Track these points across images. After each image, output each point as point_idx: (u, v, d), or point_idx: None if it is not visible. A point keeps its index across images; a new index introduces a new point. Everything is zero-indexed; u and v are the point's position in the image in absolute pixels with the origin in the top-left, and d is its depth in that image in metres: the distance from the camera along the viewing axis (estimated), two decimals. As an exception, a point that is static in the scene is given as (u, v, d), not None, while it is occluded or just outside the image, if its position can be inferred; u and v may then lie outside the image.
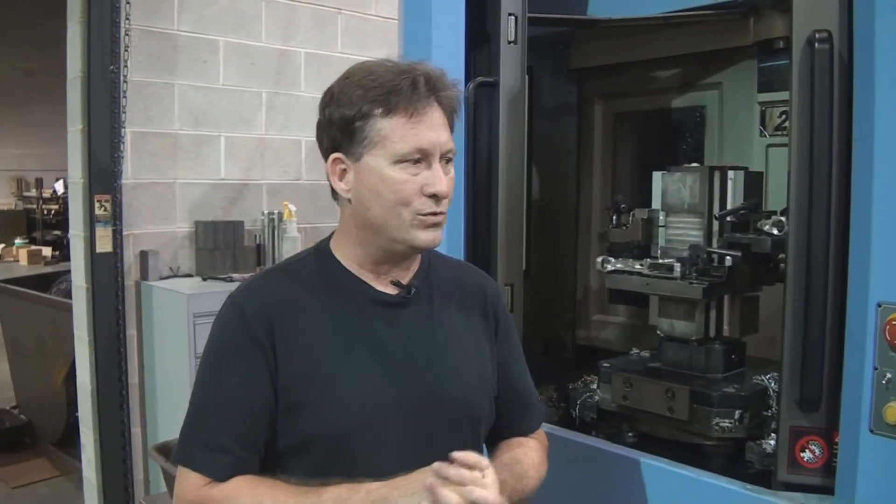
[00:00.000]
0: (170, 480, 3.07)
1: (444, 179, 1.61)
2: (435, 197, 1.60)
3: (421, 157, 1.59)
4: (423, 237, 1.62)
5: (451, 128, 1.67)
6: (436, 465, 1.44)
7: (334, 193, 1.69)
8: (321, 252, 1.74)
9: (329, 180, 1.66)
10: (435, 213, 1.61)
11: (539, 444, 1.92)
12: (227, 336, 1.64)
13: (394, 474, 1.49)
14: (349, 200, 1.64)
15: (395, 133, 1.57)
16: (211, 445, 1.57)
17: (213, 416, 1.60)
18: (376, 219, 1.61)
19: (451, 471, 1.42)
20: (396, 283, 1.72)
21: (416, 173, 1.59)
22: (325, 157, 1.66)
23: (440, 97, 1.62)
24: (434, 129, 1.60)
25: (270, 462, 1.63)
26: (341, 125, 1.60)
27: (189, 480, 1.57)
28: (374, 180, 1.59)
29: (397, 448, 1.63)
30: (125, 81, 4.30)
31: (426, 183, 1.59)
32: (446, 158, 1.63)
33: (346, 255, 1.70)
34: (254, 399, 1.59)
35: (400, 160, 1.58)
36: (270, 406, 1.60)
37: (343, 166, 1.62)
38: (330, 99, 1.62)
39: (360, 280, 1.69)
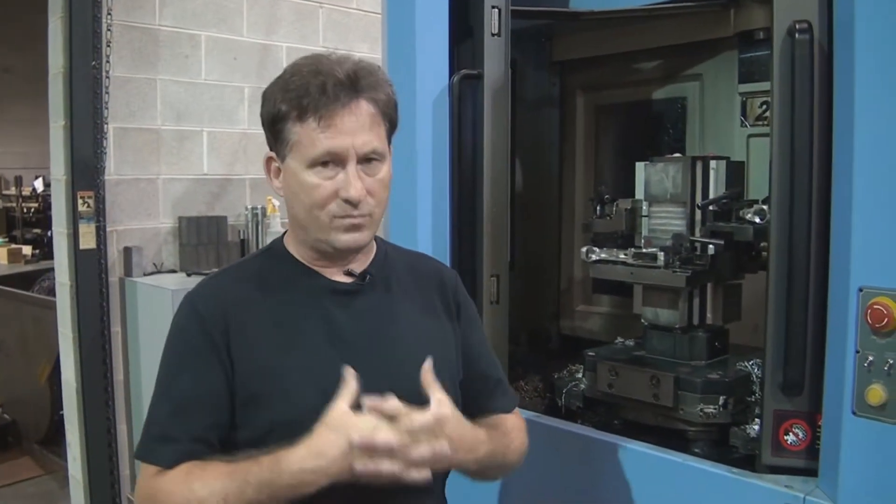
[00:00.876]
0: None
1: (358, 184, 1.58)
2: (349, 201, 1.59)
3: (332, 161, 1.58)
4: (343, 239, 1.63)
5: (389, 126, 1.67)
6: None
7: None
8: (273, 249, 1.77)
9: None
10: (352, 216, 1.60)
11: (517, 417, 1.91)
12: (182, 335, 1.65)
13: None
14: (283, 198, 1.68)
15: (306, 137, 1.57)
16: (162, 437, 1.59)
17: (166, 412, 1.61)
18: (301, 219, 1.65)
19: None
20: (349, 273, 1.72)
21: (330, 176, 1.58)
22: None
23: (359, 98, 1.59)
24: (347, 133, 1.57)
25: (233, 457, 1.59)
26: (268, 125, 1.63)
27: (144, 472, 1.59)
28: (293, 182, 1.62)
29: None
30: (107, 77, 4.28)
31: (340, 187, 1.58)
32: (367, 159, 1.61)
33: (298, 250, 1.72)
34: (205, 395, 1.59)
35: (312, 164, 1.58)
36: (223, 402, 1.60)
37: (276, 165, 1.66)
38: (263, 97, 1.64)
39: (313, 271, 1.71)
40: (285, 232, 1.78)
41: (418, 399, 1.56)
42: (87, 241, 4.27)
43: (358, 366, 1.57)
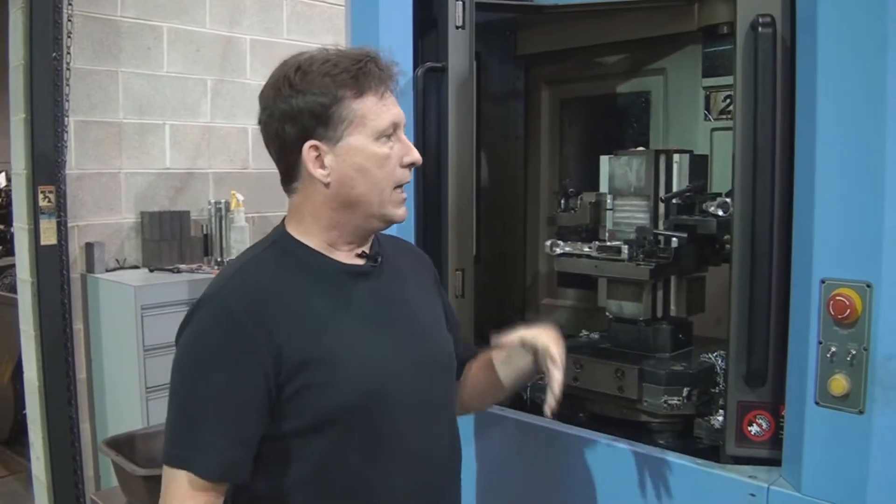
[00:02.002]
0: (122, 474, 3.04)
1: (415, 149, 1.74)
2: (410, 166, 1.73)
3: (393, 132, 1.69)
4: (400, 213, 1.74)
5: None
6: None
7: (288, 182, 1.74)
8: (281, 241, 1.76)
9: (302, 169, 1.69)
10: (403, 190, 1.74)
11: None
12: (215, 336, 1.61)
13: (409, 435, 1.71)
14: (326, 185, 1.67)
15: (371, 111, 1.65)
16: (202, 445, 1.57)
17: (204, 416, 1.59)
18: (360, 196, 1.68)
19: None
20: (364, 255, 1.78)
21: (392, 146, 1.69)
22: (286, 149, 1.69)
23: (392, 75, 1.71)
24: (396, 104, 1.71)
25: (272, 449, 1.64)
26: (314, 113, 1.63)
27: (179, 481, 1.57)
28: (359, 159, 1.66)
29: (408, 408, 1.73)
30: (68, 69, 4.23)
31: (403, 154, 1.71)
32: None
33: (314, 240, 1.73)
34: (245, 398, 1.59)
35: (380, 135, 1.67)
36: (263, 403, 1.60)
37: (318, 153, 1.66)
38: (291, 91, 1.64)
39: (328, 258, 1.74)
40: (281, 225, 1.79)
41: (441, 368, 1.86)
42: (49, 236, 4.21)
43: (394, 344, 1.75)
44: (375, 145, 1.66)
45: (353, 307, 1.73)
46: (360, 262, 1.78)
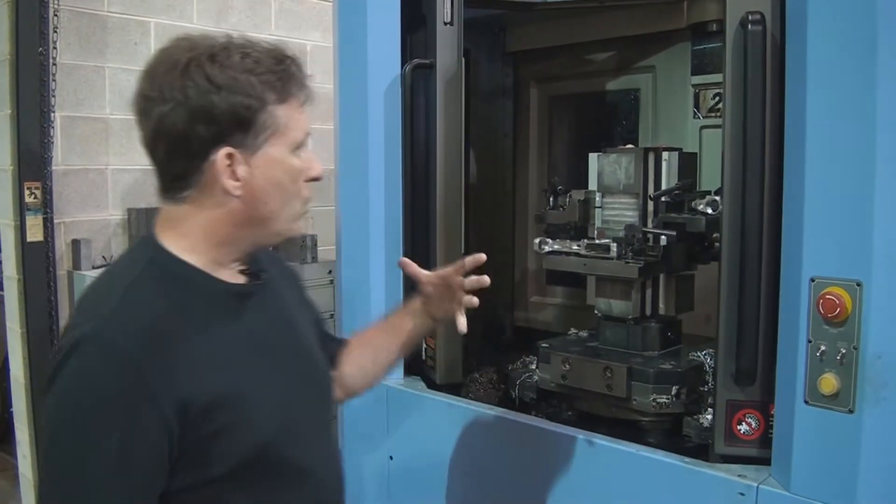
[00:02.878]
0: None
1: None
2: (313, 181, 1.58)
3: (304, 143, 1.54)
4: (300, 227, 1.62)
5: None
6: None
7: (177, 189, 1.50)
8: (162, 259, 1.50)
9: (205, 177, 1.47)
10: None
11: None
12: (105, 386, 1.34)
13: (313, 463, 1.57)
14: (236, 197, 1.47)
15: (292, 120, 1.49)
16: None
17: (95, 495, 1.34)
18: (271, 213, 1.52)
19: None
20: (248, 273, 1.62)
21: (304, 159, 1.55)
22: (189, 152, 1.45)
23: (307, 78, 1.55)
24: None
25: (194, 499, 1.45)
26: (238, 116, 1.43)
27: None
28: (276, 172, 1.49)
29: (310, 435, 1.66)
30: (54, 64, 4.20)
31: (309, 167, 1.55)
32: None
33: (199, 257, 1.52)
34: (147, 463, 1.37)
35: (297, 147, 1.52)
36: (164, 464, 1.38)
37: (230, 161, 1.45)
38: (210, 86, 1.41)
39: (214, 278, 1.53)
40: (153, 238, 1.53)
41: (326, 389, 1.80)
42: (35, 233, 4.18)
43: (288, 369, 1.63)
44: (292, 158, 1.50)
45: (251, 335, 1.56)
46: (243, 280, 1.60)
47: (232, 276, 1.58)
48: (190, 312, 1.47)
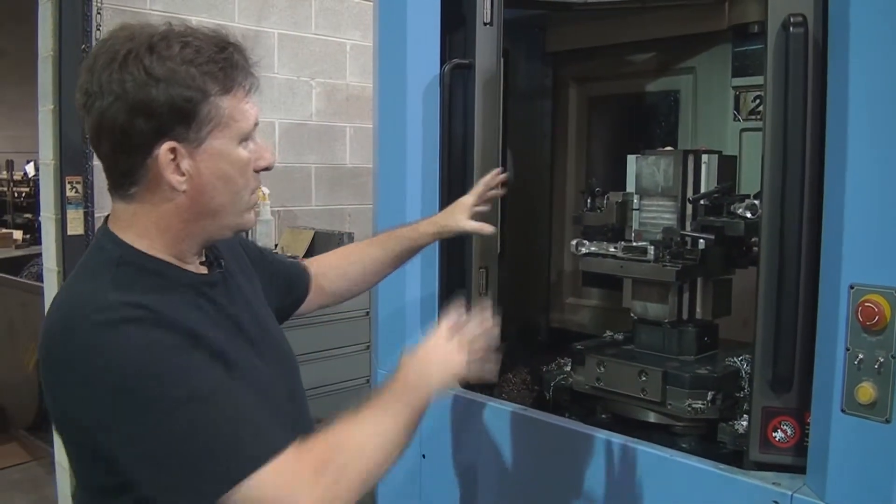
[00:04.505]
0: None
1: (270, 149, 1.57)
2: (263, 170, 1.57)
3: (252, 133, 1.53)
4: (253, 217, 1.60)
5: None
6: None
7: (123, 187, 1.48)
8: (129, 259, 1.47)
9: (148, 172, 1.44)
10: None
11: None
12: (153, 344, 1.34)
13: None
14: (182, 192, 1.45)
15: (237, 111, 1.47)
16: (255, 430, 1.37)
17: (230, 415, 1.36)
18: (220, 207, 1.50)
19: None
20: (209, 263, 1.63)
21: (251, 150, 1.53)
22: (131, 147, 1.42)
23: (253, 66, 1.54)
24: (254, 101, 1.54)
25: None
26: (178, 109, 1.40)
27: (261, 479, 1.31)
28: (222, 165, 1.47)
29: (289, 419, 1.62)
30: (97, 61, 4.24)
31: (258, 157, 1.54)
32: None
33: (163, 253, 1.51)
34: (221, 371, 1.41)
35: (244, 138, 1.50)
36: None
37: (174, 156, 1.42)
38: (148, 78, 1.38)
39: (185, 271, 1.54)
40: (111, 239, 1.50)
41: (296, 364, 1.80)
42: (75, 226, 4.24)
43: (267, 354, 1.65)
44: (238, 149, 1.48)
45: (232, 321, 1.57)
46: (205, 270, 1.60)
47: (197, 268, 1.59)
48: (176, 304, 1.45)
